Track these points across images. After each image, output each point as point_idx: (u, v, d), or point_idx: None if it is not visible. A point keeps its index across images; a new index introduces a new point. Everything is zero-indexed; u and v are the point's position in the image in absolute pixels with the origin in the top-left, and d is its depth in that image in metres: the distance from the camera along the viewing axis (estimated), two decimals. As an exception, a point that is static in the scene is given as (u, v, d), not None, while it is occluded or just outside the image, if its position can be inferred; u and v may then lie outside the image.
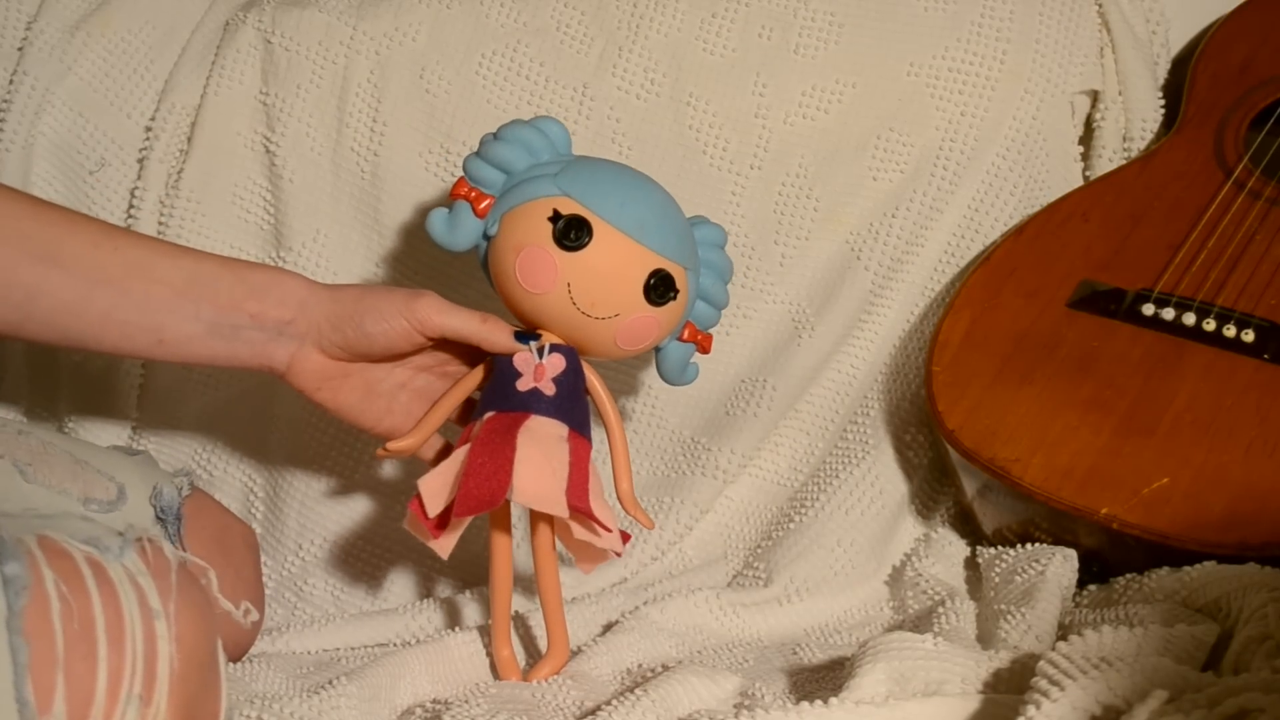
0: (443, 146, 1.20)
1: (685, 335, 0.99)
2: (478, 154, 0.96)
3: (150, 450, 1.20)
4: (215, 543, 1.03)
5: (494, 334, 0.95)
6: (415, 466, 1.19)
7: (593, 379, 0.98)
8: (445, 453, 1.03)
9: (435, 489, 0.93)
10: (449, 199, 0.97)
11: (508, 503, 0.94)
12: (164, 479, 1.02)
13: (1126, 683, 0.71)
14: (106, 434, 1.22)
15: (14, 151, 1.19)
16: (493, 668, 1.01)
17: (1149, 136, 1.24)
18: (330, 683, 0.92)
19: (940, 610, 1.01)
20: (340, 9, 1.21)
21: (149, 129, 1.22)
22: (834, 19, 1.20)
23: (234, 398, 1.22)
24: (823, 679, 0.96)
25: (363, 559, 1.20)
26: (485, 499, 0.90)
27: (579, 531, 0.94)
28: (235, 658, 1.06)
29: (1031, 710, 0.70)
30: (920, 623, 1.04)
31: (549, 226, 0.92)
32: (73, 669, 0.65)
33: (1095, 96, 1.24)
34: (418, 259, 1.20)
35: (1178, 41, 1.31)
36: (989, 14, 1.20)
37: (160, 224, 1.21)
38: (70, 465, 0.94)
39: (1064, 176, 1.23)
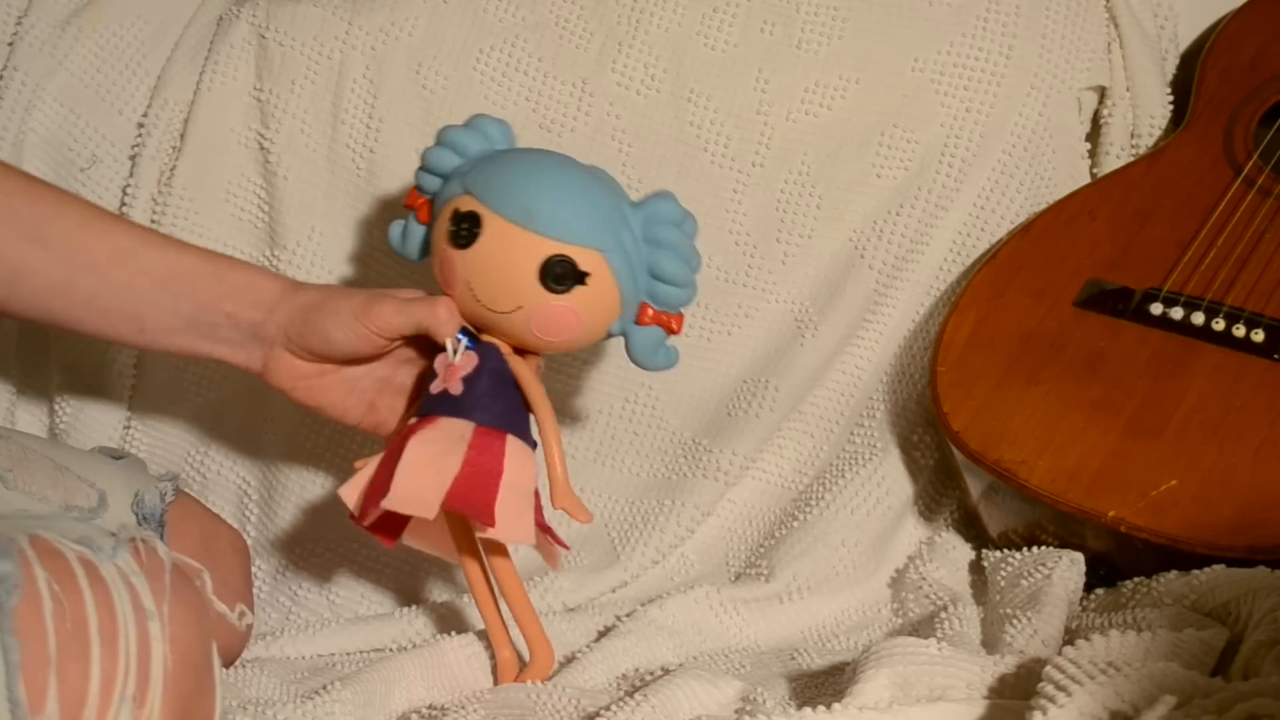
0: None
1: (647, 318, 0.95)
2: (421, 160, 0.96)
3: (143, 451, 1.20)
4: (201, 548, 1.03)
5: (442, 320, 0.94)
6: None
7: (519, 369, 0.95)
8: None
9: (350, 494, 0.95)
10: (404, 207, 0.97)
11: (454, 514, 0.95)
12: (147, 484, 1.02)
13: (1134, 688, 0.70)
14: (99, 435, 1.21)
15: (4, 148, 1.18)
16: (492, 671, 1.01)
17: (1157, 133, 1.24)
18: (325, 688, 0.92)
19: (943, 615, 1.00)
20: (335, 3, 1.21)
21: (141, 125, 1.21)
22: (837, 13, 1.20)
23: (228, 398, 1.22)
24: (823, 685, 0.95)
25: (358, 562, 1.19)
26: (368, 507, 0.92)
27: (479, 530, 0.92)
28: (227, 662, 1.05)
29: (1038, 716, 0.69)
30: (921, 627, 1.03)
31: (448, 228, 0.92)
32: (65, 669, 0.65)
33: (1103, 93, 1.23)
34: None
35: (1186, 37, 1.30)
36: (995, 8, 1.20)
37: (153, 221, 1.21)
38: (50, 472, 0.94)
39: (1071, 174, 1.22)
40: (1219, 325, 1.06)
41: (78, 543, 0.70)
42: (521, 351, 0.95)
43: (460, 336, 0.94)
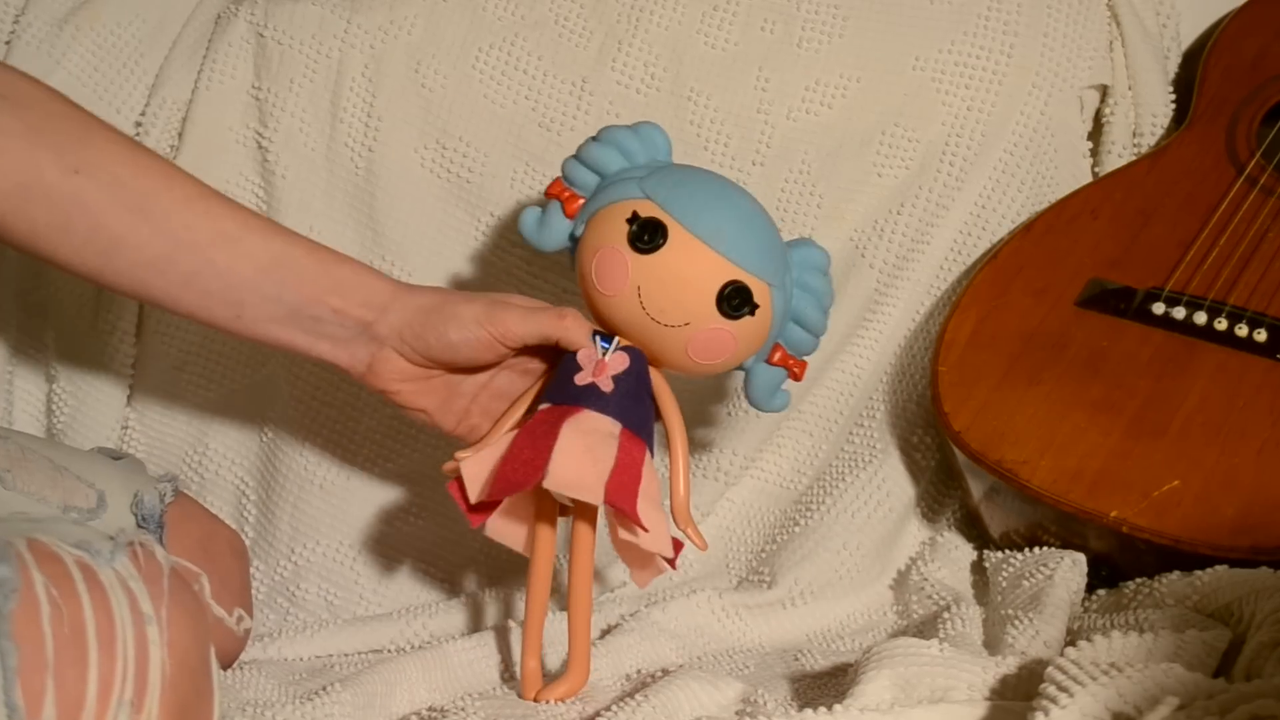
0: (438, 142, 1.19)
1: (775, 359, 0.96)
2: (575, 155, 0.96)
3: (140, 452, 1.20)
4: (199, 550, 1.03)
5: (572, 331, 0.93)
6: (415, 470, 1.19)
7: (659, 384, 0.95)
8: None
9: (476, 473, 0.92)
10: (544, 197, 0.97)
11: (553, 504, 0.94)
12: (147, 485, 1.01)
13: (1137, 689, 0.70)
14: (96, 435, 1.21)
15: (2, 147, 1.17)
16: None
17: (1159, 132, 1.23)
18: (323, 690, 0.91)
19: (945, 616, 1.00)
20: (334, 2, 1.20)
21: (139, 124, 1.21)
22: (838, 12, 1.20)
23: (226, 398, 1.21)
24: (825, 686, 0.95)
25: (357, 563, 1.19)
26: (518, 481, 0.89)
27: (621, 531, 0.92)
28: (225, 665, 1.05)
29: (1040, 717, 0.69)
30: (925, 628, 1.03)
31: (626, 228, 0.91)
32: (63, 674, 0.65)
33: (1104, 91, 1.23)
34: (413, 257, 1.19)
35: (1189, 35, 1.30)
36: (996, 7, 1.19)
37: None
38: (49, 472, 0.94)
39: (1072, 173, 1.22)
40: (1221, 325, 1.06)
41: (76, 547, 0.70)
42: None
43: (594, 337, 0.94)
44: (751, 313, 0.91)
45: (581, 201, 0.95)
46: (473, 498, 0.92)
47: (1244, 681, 0.74)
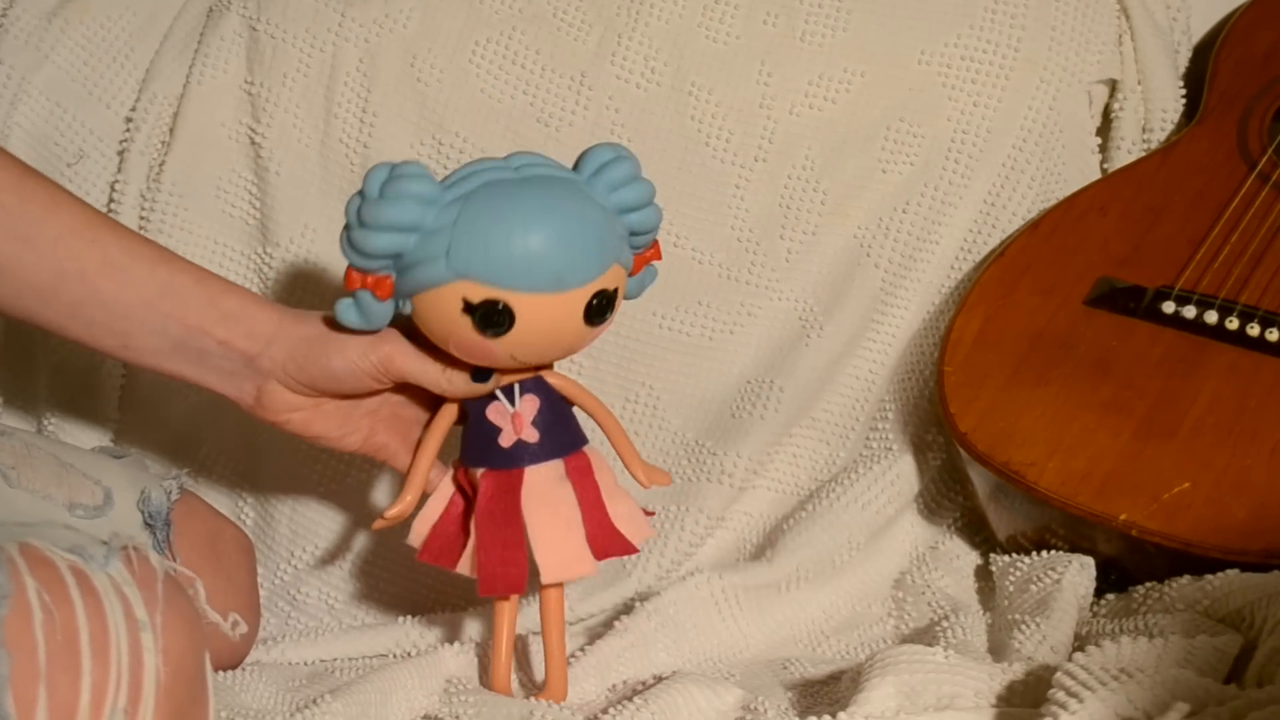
0: (435, 138, 1.19)
1: (634, 268, 0.93)
2: (353, 245, 0.86)
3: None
4: (207, 549, 1.03)
5: (453, 384, 0.91)
6: None
7: (565, 387, 0.94)
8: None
9: (467, 566, 0.94)
10: (346, 289, 0.89)
11: None
12: (152, 483, 1.01)
13: (1147, 695, 0.70)
14: (87, 437, 1.21)
15: (-11, 144, 1.18)
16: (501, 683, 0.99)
17: (1169, 127, 1.23)
18: (318, 699, 0.91)
19: (946, 623, 1.00)
20: (328, -6, 1.21)
21: (129, 120, 1.21)
22: (841, 5, 1.20)
23: (220, 399, 1.18)
24: (819, 693, 0.95)
25: (357, 567, 1.19)
26: (509, 584, 0.91)
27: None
28: (232, 666, 1.05)
29: (1049, 723, 0.69)
30: (921, 635, 1.03)
31: (466, 318, 0.85)
32: (55, 681, 0.64)
33: (1113, 86, 1.23)
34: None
35: (1199, 29, 1.30)
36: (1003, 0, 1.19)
37: (141, 218, 1.20)
38: (55, 469, 0.94)
39: (1081, 169, 1.22)
40: (1233, 324, 1.05)
41: (69, 551, 0.70)
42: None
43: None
44: (616, 297, 0.88)
45: (390, 280, 0.87)
46: (429, 558, 0.95)
47: (1256, 687, 0.74)
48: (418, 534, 0.95)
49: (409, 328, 0.90)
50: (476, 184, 0.85)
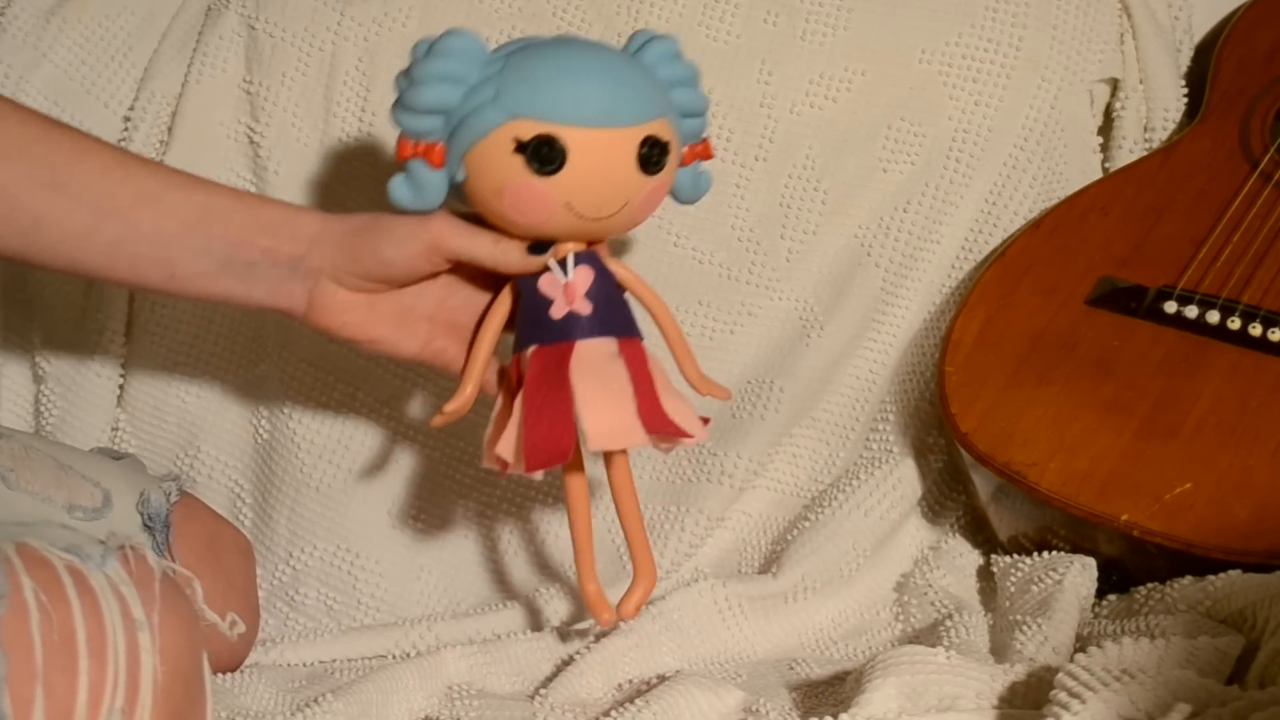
0: None
1: (685, 159, 0.95)
2: (403, 105, 0.90)
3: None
4: (206, 550, 1.03)
5: (507, 255, 0.91)
6: (415, 472, 1.18)
7: (622, 273, 0.94)
8: (500, 376, 0.99)
9: (510, 450, 0.90)
10: (397, 162, 0.91)
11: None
12: (151, 484, 1.01)
13: (1148, 696, 0.70)
14: (86, 437, 1.20)
15: (-12, 143, 1.17)
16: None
17: (1171, 126, 1.23)
18: (318, 699, 0.91)
19: (949, 624, 0.99)
20: (327, -7, 1.21)
21: (128, 119, 1.21)
22: (842, 4, 1.19)
23: (218, 398, 1.21)
24: (823, 694, 0.95)
25: (356, 568, 1.18)
26: (554, 452, 0.88)
27: (660, 443, 0.92)
28: (231, 668, 1.05)
29: (1051, 724, 0.69)
30: (925, 635, 1.03)
31: (518, 159, 0.87)
32: (52, 681, 0.65)
33: (1115, 85, 1.23)
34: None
35: (1201, 27, 1.29)
36: (1005, -2, 1.20)
37: None
38: (54, 471, 0.94)
39: (1082, 168, 1.21)
40: (1235, 324, 1.05)
41: (66, 551, 0.70)
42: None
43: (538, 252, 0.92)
44: (670, 150, 0.90)
45: (441, 145, 0.90)
46: (519, 470, 0.90)
47: (1258, 689, 0.74)
48: (514, 457, 0.90)
49: (462, 216, 0.91)
50: (522, 44, 0.89)
